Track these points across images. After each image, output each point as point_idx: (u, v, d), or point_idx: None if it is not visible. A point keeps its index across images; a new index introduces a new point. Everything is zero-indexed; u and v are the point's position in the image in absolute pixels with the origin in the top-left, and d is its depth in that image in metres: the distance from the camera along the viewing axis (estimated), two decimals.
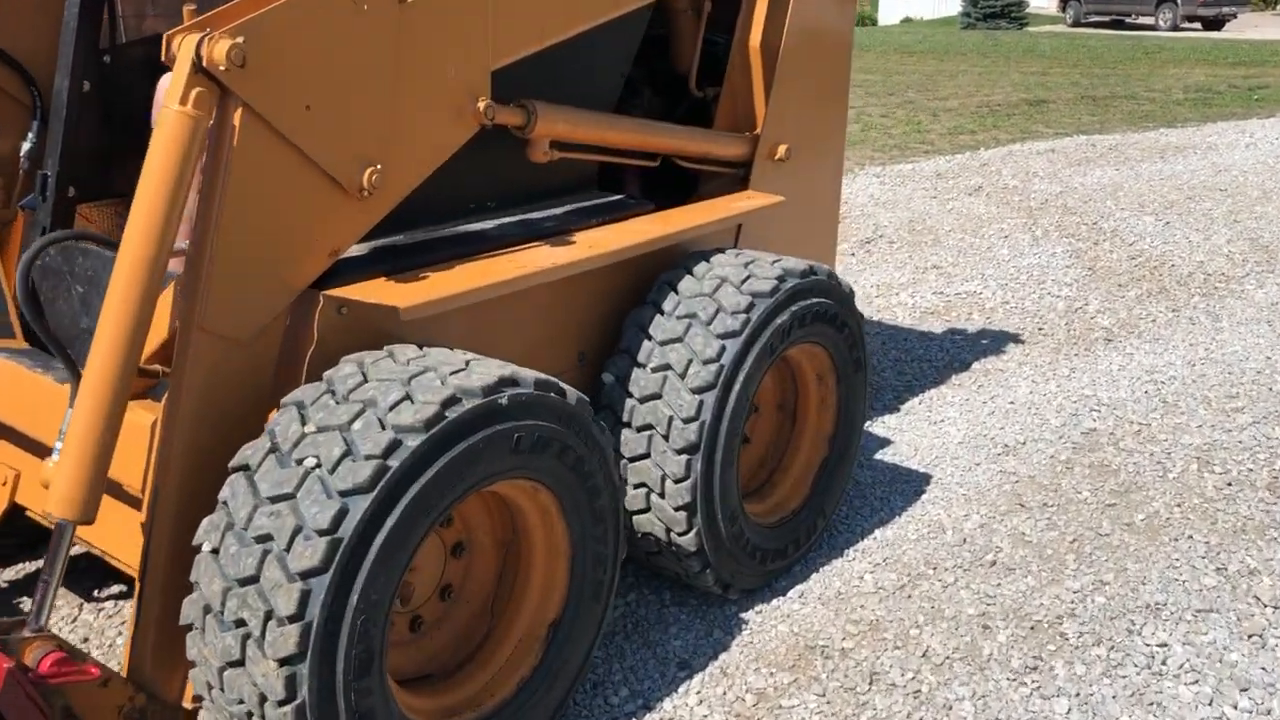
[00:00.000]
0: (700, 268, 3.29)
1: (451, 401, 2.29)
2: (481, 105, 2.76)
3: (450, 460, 2.26)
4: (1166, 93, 14.55)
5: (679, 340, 3.12)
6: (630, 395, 3.13)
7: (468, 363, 2.44)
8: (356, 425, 2.24)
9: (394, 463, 2.18)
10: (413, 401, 2.27)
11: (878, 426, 4.64)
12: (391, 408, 2.26)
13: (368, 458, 2.18)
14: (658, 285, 3.27)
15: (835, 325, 3.44)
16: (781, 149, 3.84)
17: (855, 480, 4.16)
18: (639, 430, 3.11)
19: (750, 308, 3.14)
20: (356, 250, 2.77)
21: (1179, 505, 3.95)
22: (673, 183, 3.81)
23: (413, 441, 2.21)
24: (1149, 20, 28.60)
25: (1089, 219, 7.62)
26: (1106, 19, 29.85)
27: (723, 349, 3.08)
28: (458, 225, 3.07)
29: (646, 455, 3.11)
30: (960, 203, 8.15)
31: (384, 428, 2.23)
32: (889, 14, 35.96)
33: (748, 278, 3.21)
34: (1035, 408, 4.79)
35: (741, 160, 3.81)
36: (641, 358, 3.15)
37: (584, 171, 3.43)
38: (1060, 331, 5.73)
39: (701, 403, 3.04)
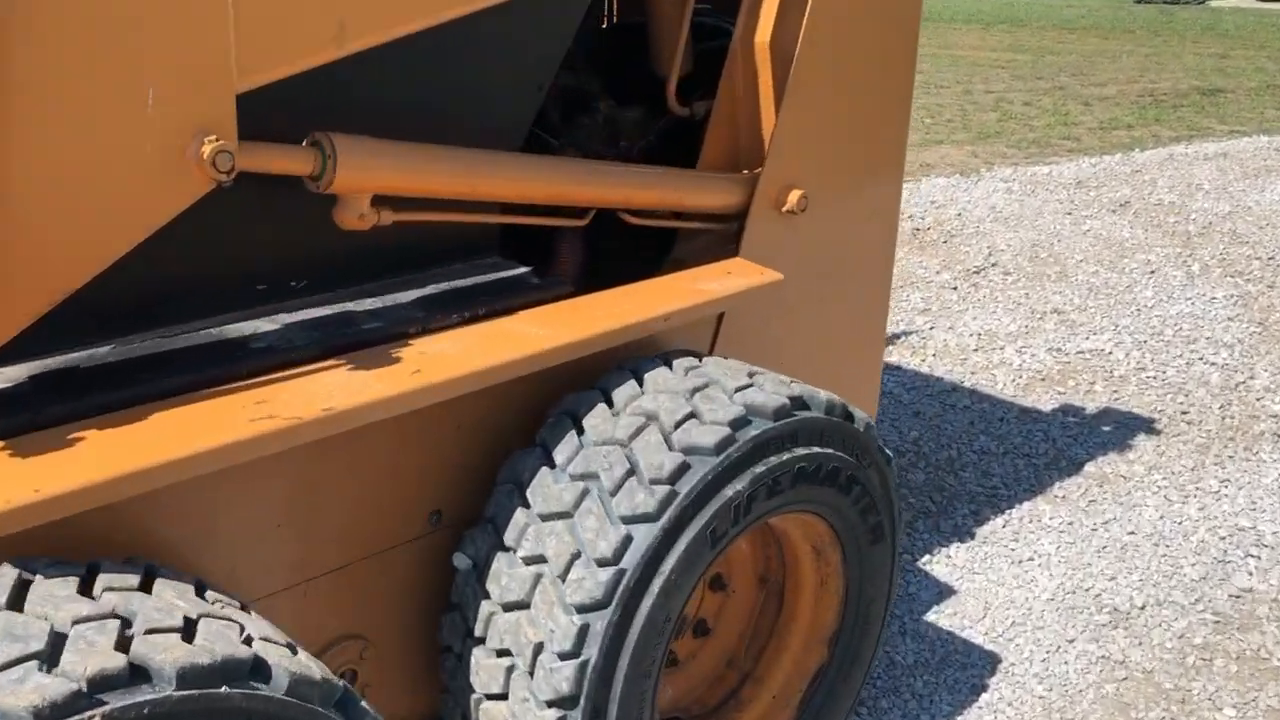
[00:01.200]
0: (623, 391, 2.14)
1: None
2: (208, 149, 1.66)
3: None
4: None
5: (566, 516, 1.98)
6: (488, 595, 2.01)
7: (72, 626, 1.36)
8: None
9: None
10: None
11: (938, 563, 3.41)
12: None
13: None
14: (556, 416, 2.14)
15: (837, 485, 2.23)
16: (794, 196, 2.62)
17: (889, 659, 2.96)
18: (497, 655, 1.99)
19: (680, 473, 1.97)
20: (6, 377, 1.72)
21: None
22: (639, 239, 2.66)
23: None
24: None
25: (1264, 251, 6.12)
26: None
27: (626, 541, 1.92)
28: (219, 324, 1.97)
29: (503, 696, 1.99)
30: (1100, 222, 6.71)
31: None
32: None
33: (688, 417, 2.04)
34: (1166, 545, 3.48)
35: (734, 212, 2.61)
36: (510, 536, 2.02)
37: (465, 232, 2.29)
38: (1212, 418, 4.35)
39: (585, 629, 1.90)
